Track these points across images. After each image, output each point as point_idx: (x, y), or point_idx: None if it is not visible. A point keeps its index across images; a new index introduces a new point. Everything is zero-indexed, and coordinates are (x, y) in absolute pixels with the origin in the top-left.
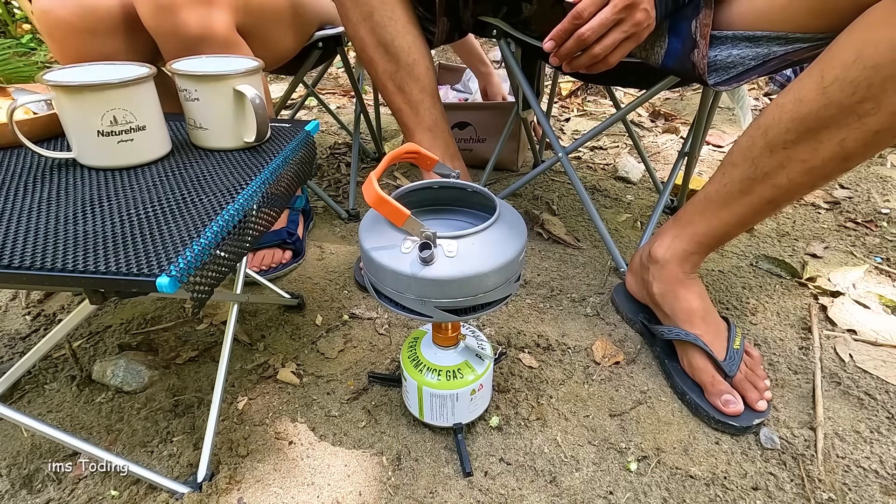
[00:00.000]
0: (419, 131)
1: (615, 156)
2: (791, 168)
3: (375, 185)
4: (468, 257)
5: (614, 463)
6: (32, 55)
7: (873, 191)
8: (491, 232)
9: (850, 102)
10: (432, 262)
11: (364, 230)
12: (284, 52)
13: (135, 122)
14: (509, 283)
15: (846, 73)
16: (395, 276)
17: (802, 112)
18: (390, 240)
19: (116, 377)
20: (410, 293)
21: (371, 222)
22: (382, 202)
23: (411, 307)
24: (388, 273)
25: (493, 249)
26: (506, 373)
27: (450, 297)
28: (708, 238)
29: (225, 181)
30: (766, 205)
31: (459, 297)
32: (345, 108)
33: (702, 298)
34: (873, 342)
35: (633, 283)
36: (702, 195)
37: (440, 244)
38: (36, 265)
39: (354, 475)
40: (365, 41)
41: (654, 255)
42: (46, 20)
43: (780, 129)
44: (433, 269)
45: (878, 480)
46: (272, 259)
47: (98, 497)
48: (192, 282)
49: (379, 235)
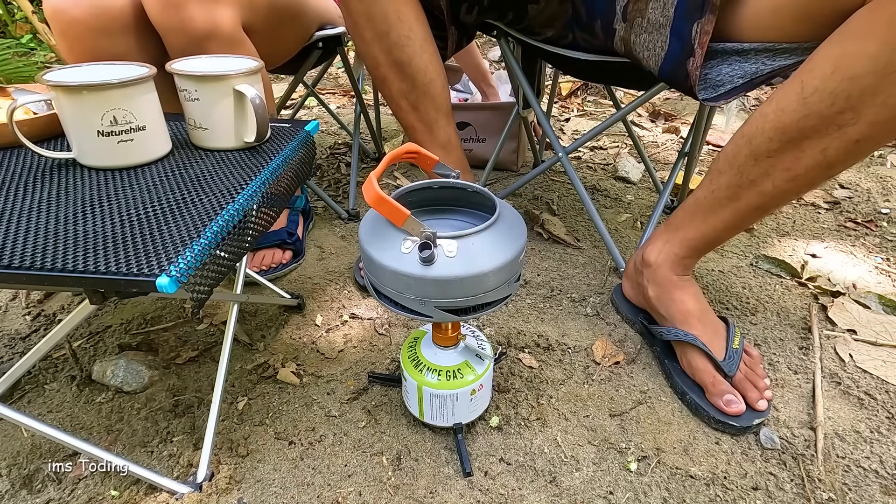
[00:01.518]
0: (432, 148)
1: (615, 156)
2: (776, 176)
3: (375, 185)
4: (468, 257)
5: (614, 463)
6: (32, 55)
7: (873, 191)
8: (491, 232)
9: (830, 113)
10: (432, 263)
11: (364, 230)
12: (286, 50)
13: (135, 122)
14: (509, 284)
15: (825, 83)
16: (395, 276)
17: (784, 122)
18: (390, 240)
19: (116, 377)
20: (410, 293)
21: (371, 222)
22: (382, 202)
23: (411, 307)
24: (388, 273)
25: (493, 249)
26: (506, 373)
27: (450, 297)
28: (698, 242)
29: (225, 181)
30: (754, 211)
31: (460, 297)
32: (345, 108)
33: (697, 299)
34: (873, 342)
35: (629, 287)
36: (691, 200)
37: (440, 244)
38: (36, 265)
39: (354, 475)
40: (378, 59)
41: (647, 260)
42: (59, 20)
43: (764, 139)
44: (433, 269)
45: (878, 480)
46: (272, 259)
47: (98, 497)
48: (192, 282)
49: (379, 235)
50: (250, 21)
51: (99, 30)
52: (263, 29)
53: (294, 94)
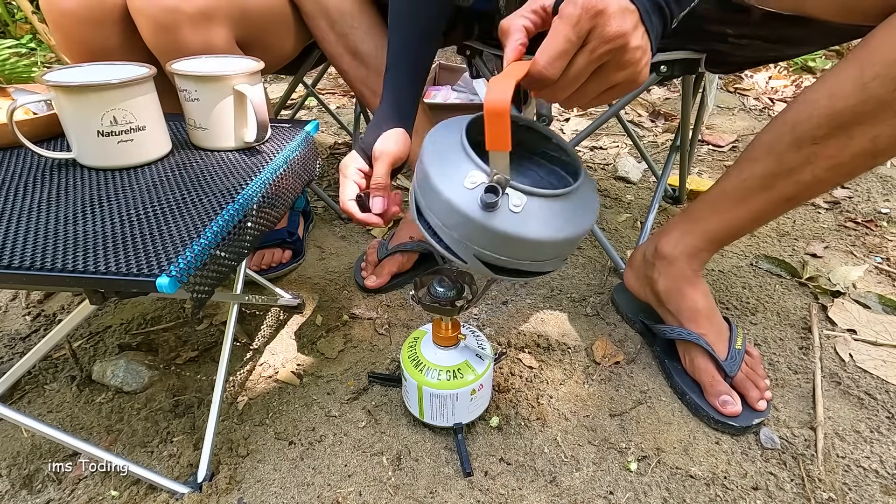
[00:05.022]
0: None
1: (615, 156)
2: (817, 164)
3: (508, 90)
4: (534, 219)
5: (614, 463)
6: (32, 55)
7: (873, 190)
8: (566, 200)
9: (891, 98)
10: (493, 210)
11: (431, 145)
12: (284, 55)
13: (135, 123)
14: (559, 260)
15: (888, 69)
16: (448, 208)
17: (837, 107)
18: (456, 166)
19: (116, 377)
20: (456, 232)
21: (441, 138)
22: (502, 115)
23: (450, 245)
24: (442, 202)
25: (562, 219)
26: (506, 373)
27: (497, 251)
28: (720, 234)
29: (225, 181)
30: (785, 202)
31: (506, 255)
32: (345, 108)
33: (707, 298)
34: (873, 342)
35: (633, 280)
36: (716, 191)
37: (509, 193)
38: (36, 265)
39: (354, 475)
40: (333, 52)
41: (662, 251)
42: (53, 11)
43: (811, 125)
44: (492, 217)
45: (879, 480)
46: (272, 259)
47: (98, 497)
48: (192, 282)
49: (445, 157)
50: (244, 35)
51: (92, 22)
52: (258, 40)
53: (294, 94)
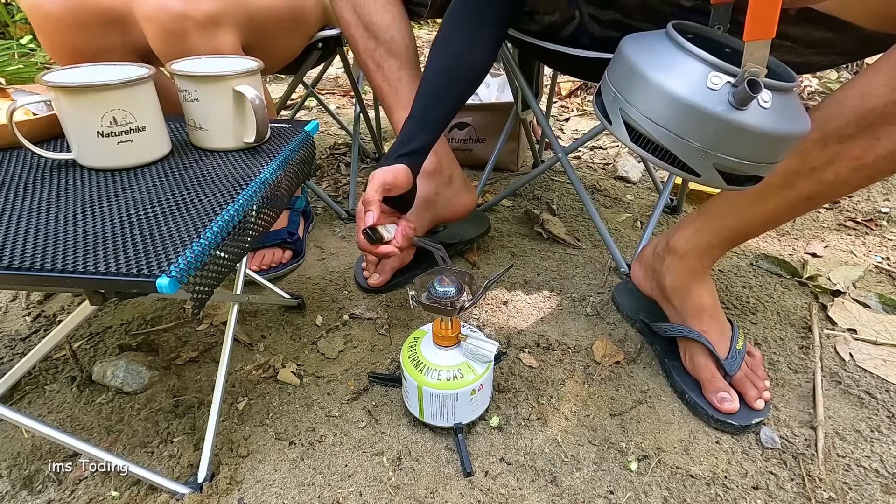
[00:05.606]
0: (398, 109)
1: (615, 156)
2: (841, 164)
3: None
4: (784, 113)
5: (615, 462)
6: (32, 56)
7: (873, 190)
8: (793, 95)
9: None
10: (747, 106)
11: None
12: (286, 57)
13: (134, 123)
14: (774, 164)
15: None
16: (688, 112)
17: (867, 107)
18: (686, 67)
19: (116, 378)
20: (697, 138)
21: (653, 37)
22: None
23: (683, 156)
24: (676, 106)
25: (797, 115)
26: (506, 373)
27: (744, 154)
28: (735, 233)
29: (225, 181)
30: (805, 201)
31: (751, 158)
32: (344, 109)
33: (713, 296)
34: (873, 341)
35: (640, 274)
36: None
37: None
38: (36, 266)
39: (354, 475)
40: (347, 20)
41: (673, 246)
42: (36, 14)
43: (840, 123)
44: (745, 115)
45: (879, 479)
46: (272, 259)
47: (98, 498)
48: (192, 282)
49: (666, 57)
50: (248, 39)
51: (76, 24)
52: (262, 44)
53: (294, 95)
